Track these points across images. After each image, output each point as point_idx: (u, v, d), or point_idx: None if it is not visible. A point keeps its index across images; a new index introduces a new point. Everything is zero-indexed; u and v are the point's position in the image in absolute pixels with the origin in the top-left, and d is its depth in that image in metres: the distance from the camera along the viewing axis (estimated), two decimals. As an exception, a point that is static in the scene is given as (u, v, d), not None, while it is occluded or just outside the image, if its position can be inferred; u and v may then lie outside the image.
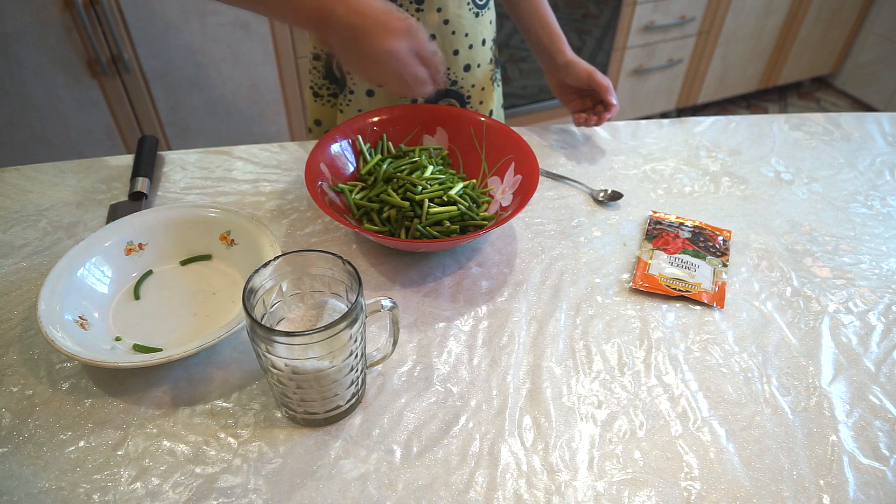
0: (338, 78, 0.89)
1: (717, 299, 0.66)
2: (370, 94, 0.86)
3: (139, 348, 0.58)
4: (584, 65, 0.87)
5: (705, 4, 2.16)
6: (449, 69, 0.86)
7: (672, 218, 0.76)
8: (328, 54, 0.88)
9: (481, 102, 0.92)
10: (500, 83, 0.97)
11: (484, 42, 0.87)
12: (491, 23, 0.88)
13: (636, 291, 0.67)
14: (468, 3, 0.82)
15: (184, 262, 0.67)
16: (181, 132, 1.70)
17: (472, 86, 0.89)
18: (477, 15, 0.84)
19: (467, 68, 0.87)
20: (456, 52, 0.85)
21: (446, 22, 0.82)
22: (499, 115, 0.98)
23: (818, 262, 0.72)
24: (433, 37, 0.82)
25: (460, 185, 0.71)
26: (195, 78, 1.62)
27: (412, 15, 0.80)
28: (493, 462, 0.52)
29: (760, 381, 0.59)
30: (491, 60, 0.91)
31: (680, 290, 0.66)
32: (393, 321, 0.55)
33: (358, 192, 0.72)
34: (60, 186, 0.78)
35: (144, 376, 0.57)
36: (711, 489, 0.50)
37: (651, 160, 0.87)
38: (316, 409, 0.52)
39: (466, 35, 0.84)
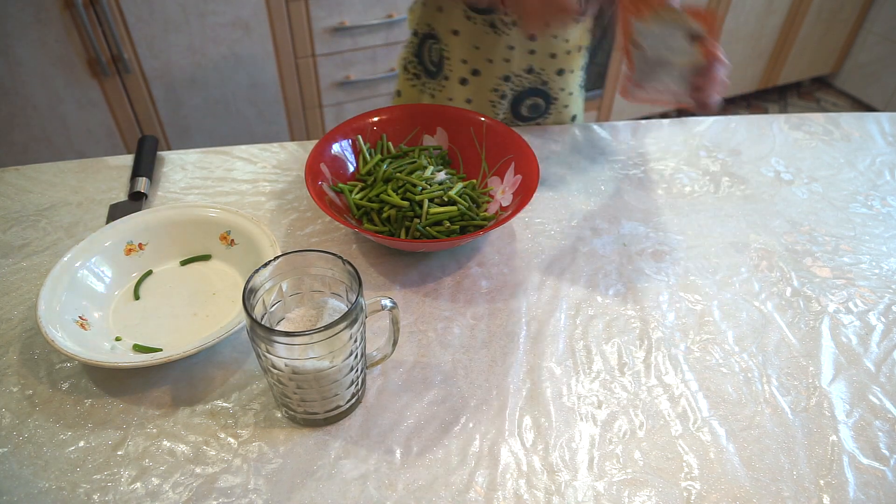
0: (427, 62, 0.90)
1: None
2: (463, 82, 0.88)
3: (139, 348, 0.58)
4: None
5: (705, 4, 2.16)
6: (542, 69, 0.87)
7: None
8: (425, 35, 0.89)
9: (566, 106, 0.92)
10: (581, 97, 0.96)
11: (580, 49, 0.88)
12: (588, 31, 0.88)
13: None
14: None
15: (184, 262, 0.67)
16: (181, 132, 1.70)
17: (562, 89, 0.90)
18: (578, 21, 0.84)
19: (560, 72, 0.88)
20: (553, 56, 0.86)
21: (547, 24, 0.82)
22: (580, 120, 0.97)
23: (818, 262, 0.72)
24: (534, 37, 0.83)
25: (460, 185, 0.71)
26: (195, 78, 1.62)
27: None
28: (493, 462, 0.52)
29: (760, 381, 0.59)
30: (582, 67, 0.91)
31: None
32: (393, 321, 0.55)
33: (358, 192, 0.72)
34: (60, 186, 0.78)
35: (144, 376, 0.57)
36: (711, 489, 0.50)
37: (651, 160, 0.87)
38: (316, 409, 0.52)
39: (566, 41, 0.85)
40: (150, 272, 0.66)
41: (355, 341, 0.49)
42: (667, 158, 0.88)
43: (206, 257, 0.68)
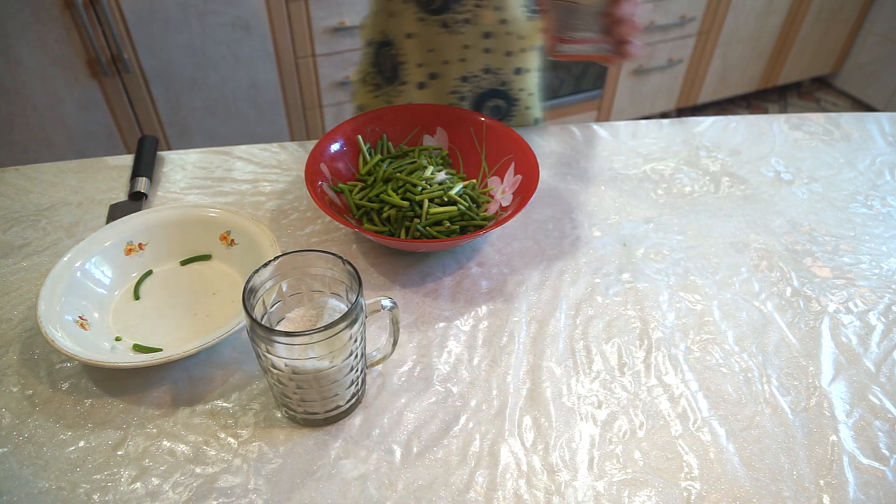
0: (385, 69, 0.89)
1: None
2: (421, 86, 0.87)
3: (139, 348, 0.58)
4: None
5: (705, 4, 2.16)
6: (500, 69, 0.86)
7: None
8: (380, 43, 0.88)
9: (528, 108, 0.91)
10: (540, 100, 0.94)
11: (534, 48, 0.87)
12: (541, 31, 0.87)
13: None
14: (524, 6, 0.82)
15: (184, 262, 0.67)
16: (181, 132, 1.70)
17: (522, 90, 0.89)
18: (531, 19, 0.84)
19: (518, 71, 0.87)
20: (509, 54, 0.85)
21: (503, 21, 0.81)
22: (540, 124, 0.96)
23: (818, 262, 0.72)
24: (488, 35, 0.82)
25: (460, 185, 0.71)
26: (195, 78, 1.62)
27: (471, 10, 0.80)
28: (493, 462, 0.52)
29: (760, 381, 0.59)
30: (538, 68, 0.90)
31: None
32: (393, 321, 0.55)
33: (358, 192, 0.72)
34: (60, 186, 0.78)
35: (144, 376, 0.57)
36: (711, 489, 0.50)
37: (651, 160, 0.87)
38: (316, 409, 0.52)
39: (521, 38, 0.84)
40: (150, 272, 0.66)
41: (355, 341, 0.49)
42: (667, 158, 0.88)
43: (206, 257, 0.68)
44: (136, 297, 0.64)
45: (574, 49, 0.70)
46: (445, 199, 0.69)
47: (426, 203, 0.68)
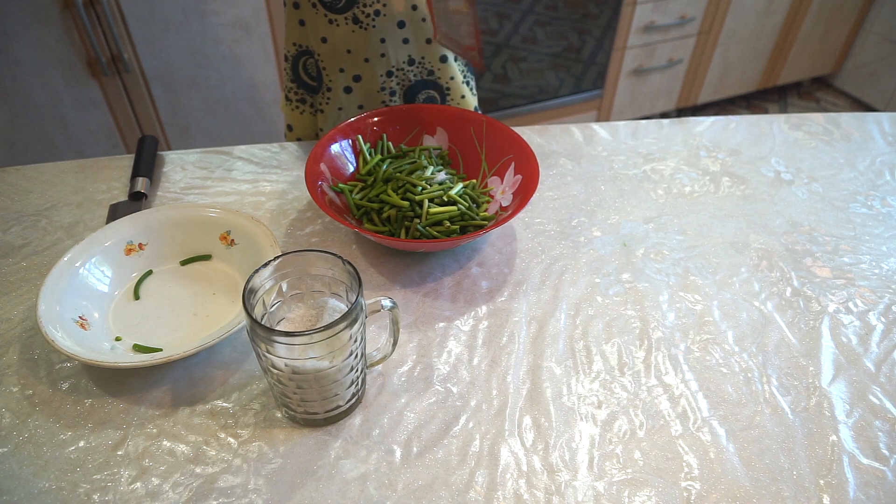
0: (308, 79, 0.88)
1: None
2: (347, 90, 0.85)
3: (139, 348, 0.58)
4: None
5: (705, 4, 2.16)
6: (423, 58, 0.83)
7: None
8: (297, 55, 0.87)
9: (463, 97, 0.89)
10: (474, 90, 0.93)
11: None
12: None
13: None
14: None
15: (184, 262, 0.67)
16: (181, 132, 1.70)
17: (451, 78, 0.86)
18: None
19: (443, 59, 0.84)
20: (428, 41, 0.82)
21: (415, 8, 0.79)
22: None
23: (818, 262, 0.72)
24: (402, 24, 0.80)
25: (460, 185, 0.71)
26: (195, 78, 1.62)
27: (377, 0, 0.77)
28: (493, 462, 0.52)
29: (760, 381, 0.59)
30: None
31: None
32: (393, 321, 0.55)
33: (358, 192, 0.72)
34: (60, 186, 0.78)
35: (144, 376, 0.57)
36: (711, 489, 0.50)
37: (651, 160, 0.87)
38: (316, 409, 0.52)
39: None
40: (150, 272, 0.66)
41: (355, 341, 0.49)
42: (667, 158, 0.88)
43: (206, 257, 0.68)
44: (136, 297, 0.64)
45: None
46: (445, 199, 0.69)
47: (426, 203, 0.68)
